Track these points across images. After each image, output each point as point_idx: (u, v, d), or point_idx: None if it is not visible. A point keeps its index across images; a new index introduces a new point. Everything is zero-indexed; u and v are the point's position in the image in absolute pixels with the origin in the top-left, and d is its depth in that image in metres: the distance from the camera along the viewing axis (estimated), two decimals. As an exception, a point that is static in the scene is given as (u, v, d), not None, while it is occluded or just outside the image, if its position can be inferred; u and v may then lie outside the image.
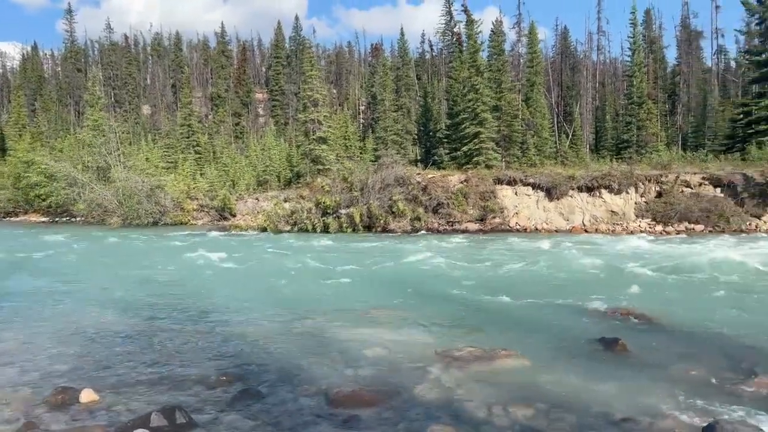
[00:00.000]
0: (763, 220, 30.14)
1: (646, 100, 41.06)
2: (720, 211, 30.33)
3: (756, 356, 7.87)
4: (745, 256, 18.97)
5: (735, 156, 35.30)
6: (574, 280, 15.12)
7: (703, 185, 31.93)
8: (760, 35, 39.38)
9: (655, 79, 52.22)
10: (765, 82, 37.98)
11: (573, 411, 5.81)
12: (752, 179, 30.93)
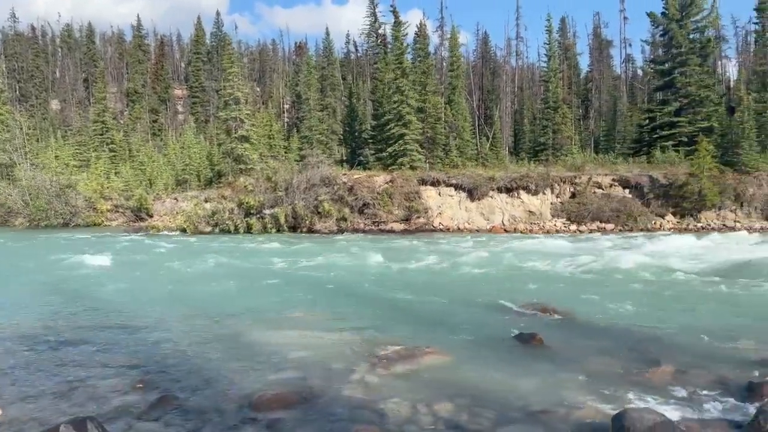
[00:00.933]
0: (666, 219, 32.21)
1: (561, 104, 42.92)
2: (628, 211, 32.17)
3: (660, 347, 8.37)
4: (651, 253, 20.20)
5: (642, 159, 37.55)
6: (494, 278, 15.57)
7: (613, 186, 33.75)
8: (663, 46, 42.06)
9: (570, 84, 54.70)
10: (668, 90, 40.61)
11: (493, 405, 5.96)
12: (657, 181, 33.00)
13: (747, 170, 32.47)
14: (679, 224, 31.48)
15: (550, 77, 43.74)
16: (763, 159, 33.56)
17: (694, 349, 8.29)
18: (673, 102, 39.40)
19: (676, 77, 39.33)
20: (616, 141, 48.49)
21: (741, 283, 14.31)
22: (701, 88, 38.66)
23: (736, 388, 6.46)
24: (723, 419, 5.58)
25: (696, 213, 31.86)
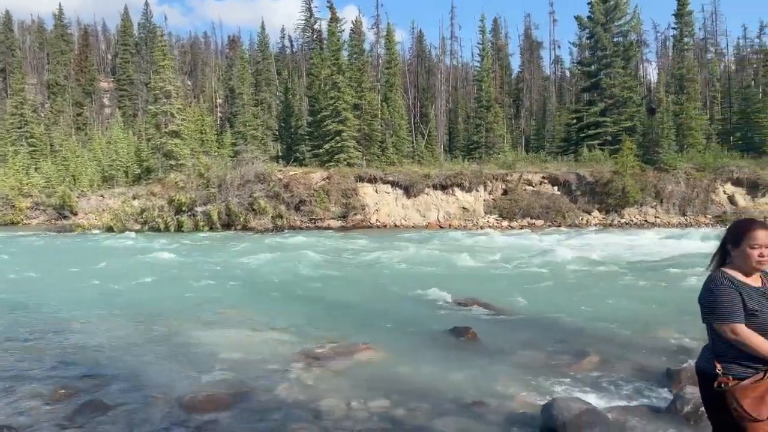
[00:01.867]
0: (592, 215, 33.57)
1: (494, 104, 43.95)
2: (557, 208, 33.34)
3: (586, 338, 8.71)
4: (578, 247, 21.02)
5: (570, 157, 38.99)
6: (429, 274, 15.77)
7: (543, 184, 34.88)
8: (590, 48, 43.74)
9: (502, 84, 56.07)
10: (594, 91, 42.29)
11: (428, 399, 6.03)
12: (584, 178, 34.35)
13: (666, 168, 34.30)
14: (605, 220, 32.91)
15: (483, 77, 44.68)
16: (681, 158, 35.52)
17: (618, 340, 8.67)
18: (598, 102, 41.08)
19: (602, 79, 41.03)
20: (546, 140, 50.13)
21: (660, 275, 15.10)
22: (624, 89, 40.49)
23: (656, 375, 6.80)
24: (644, 405, 5.85)
25: (620, 209, 33.39)
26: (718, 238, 3.28)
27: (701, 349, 3.23)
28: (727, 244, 3.04)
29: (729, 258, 3.04)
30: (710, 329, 3.04)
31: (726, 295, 2.90)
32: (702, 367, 3.09)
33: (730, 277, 2.95)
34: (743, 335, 2.85)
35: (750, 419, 2.82)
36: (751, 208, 33.28)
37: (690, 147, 37.89)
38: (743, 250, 2.94)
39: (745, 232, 2.96)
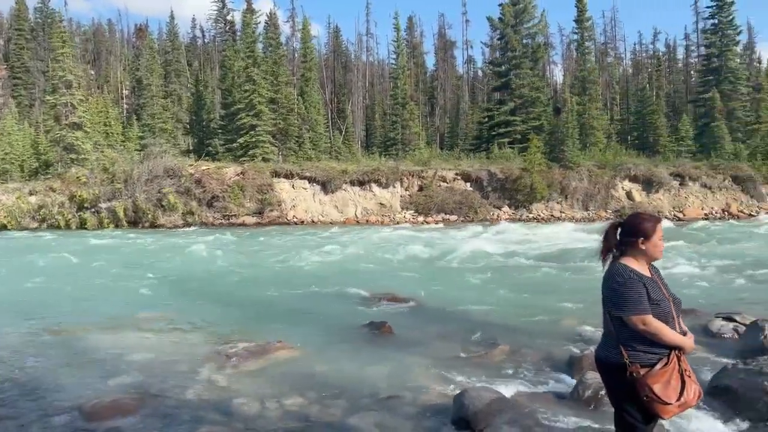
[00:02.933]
0: (503, 210, 34.81)
1: (409, 101, 44.57)
2: (470, 203, 34.31)
3: (497, 328, 9.02)
4: (489, 242, 21.71)
5: (482, 155, 40.16)
6: (347, 269, 15.79)
7: (456, 180, 35.77)
8: (500, 49, 45.25)
9: (417, 82, 56.96)
10: (504, 91, 43.80)
11: (344, 395, 6.03)
12: (495, 175, 35.54)
13: (570, 166, 36.11)
14: (514, 215, 34.22)
15: (398, 74, 45.17)
16: (584, 156, 37.51)
17: (526, 329, 9.04)
18: (508, 102, 42.62)
19: (512, 79, 42.57)
20: (460, 137, 51.41)
21: (565, 267, 15.90)
22: (533, 90, 42.24)
23: (560, 363, 7.15)
24: (549, 391, 6.14)
25: (528, 204, 34.83)
26: (600, 232, 3.41)
27: (601, 340, 3.34)
28: (631, 237, 3.17)
29: (628, 250, 3.19)
30: (615, 320, 3.13)
31: (634, 288, 3.04)
32: (607, 358, 3.17)
33: (633, 270, 3.11)
34: (653, 326, 3.00)
35: (661, 403, 2.99)
36: (646, 203, 35.71)
37: (592, 146, 40.09)
38: (655, 242, 3.14)
39: (656, 225, 3.18)
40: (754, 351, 7.01)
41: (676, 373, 3.03)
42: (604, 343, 3.26)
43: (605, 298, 3.20)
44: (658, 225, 3.19)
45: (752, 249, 19.29)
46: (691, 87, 53.99)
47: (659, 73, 54.15)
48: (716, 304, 10.40)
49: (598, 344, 3.39)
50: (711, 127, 41.74)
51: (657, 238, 3.14)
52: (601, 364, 3.27)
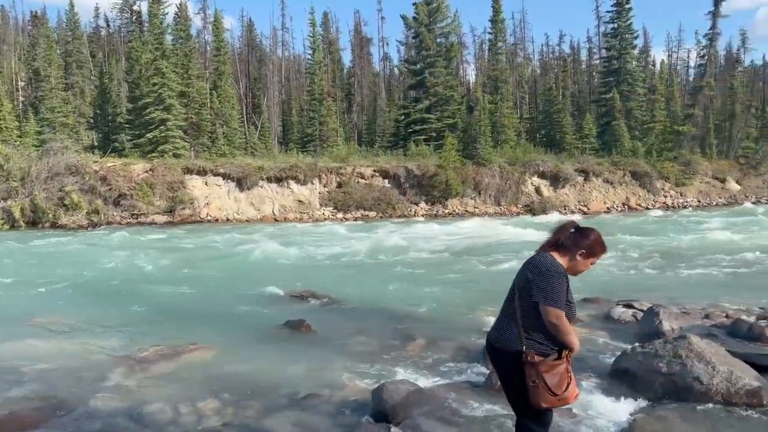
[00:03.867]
0: (420, 206, 35.39)
1: (326, 97, 44.35)
2: (388, 200, 34.65)
3: (415, 322, 9.18)
4: (407, 237, 22.03)
5: (399, 152, 40.60)
6: (263, 268, 15.53)
7: (374, 177, 36.01)
8: (415, 47, 45.88)
9: (334, 78, 56.76)
10: (420, 89, 44.47)
11: (260, 395, 5.93)
12: (412, 172, 36.07)
13: (483, 163, 37.23)
14: (431, 211, 34.89)
15: (315, 70, 44.82)
16: (496, 153, 38.78)
17: (443, 322, 9.26)
18: (424, 100, 43.31)
19: (426, 77, 43.29)
20: (377, 134, 51.75)
21: (479, 260, 16.40)
22: (447, 88, 43.14)
23: (475, 353, 7.36)
24: (464, 381, 6.31)
25: (444, 200, 35.60)
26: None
27: (496, 325, 3.44)
28: (578, 246, 3.29)
29: (565, 251, 3.31)
30: (527, 306, 3.23)
31: (560, 283, 3.17)
32: (503, 343, 3.30)
33: (562, 267, 3.26)
34: (563, 323, 3.15)
35: (547, 392, 3.17)
36: (554, 198, 37.45)
37: (504, 143, 41.54)
38: (587, 262, 3.31)
39: (601, 253, 3.33)
40: (650, 335, 7.52)
41: (564, 370, 3.23)
42: (501, 329, 3.36)
43: (522, 283, 3.28)
44: (602, 253, 3.35)
45: (649, 240, 20.70)
46: (593, 87, 57.08)
47: (565, 73, 56.84)
48: (617, 292, 11.08)
49: (492, 330, 3.47)
50: (612, 125, 44.32)
51: (590, 262, 3.32)
52: (495, 349, 3.37)
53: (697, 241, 20.25)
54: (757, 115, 53.12)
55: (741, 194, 43.52)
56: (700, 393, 5.35)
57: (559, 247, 3.31)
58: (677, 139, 45.32)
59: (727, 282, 12.92)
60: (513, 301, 3.33)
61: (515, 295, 3.33)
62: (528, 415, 3.33)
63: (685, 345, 5.88)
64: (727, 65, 62.31)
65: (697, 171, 43.50)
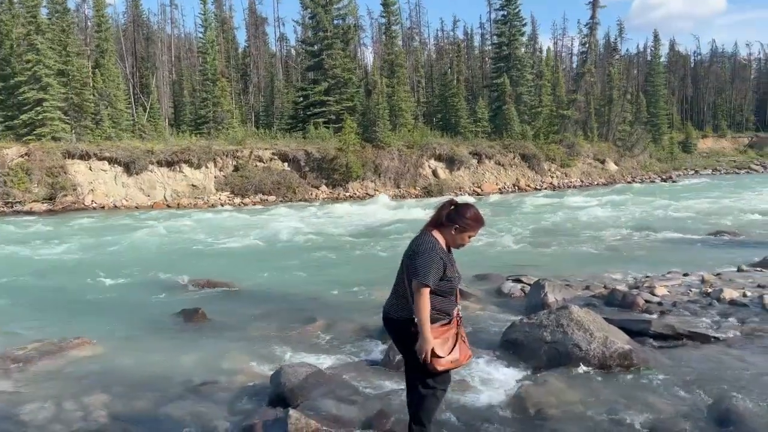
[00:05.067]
0: (321, 189, 35.25)
1: (220, 77, 42.75)
2: (288, 183, 34.20)
3: (315, 305, 9.19)
4: (308, 221, 21.93)
5: (299, 134, 40.04)
6: (155, 257, 14.87)
7: (273, 160, 35.36)
8: (312, 28, 45.25)
9: (228, 58, 54.83)
10: (318, 71, 43.97)
11: (153, 387, 5.71)
12: (312, 155, 35.77)
13: (382, 145, 37.60)
14: (332, 194, 34.85)
15: (207, 49, 43.02)
16: (394, 136, 39.27)
17: (343, 303, 9.34)
18: (322, 82, 42.90)
19: (324, 59, 42.87)
20: (275, 116, 50.72)
21: (377, 241, 16.65)
22: (345, 71, 42.97)
23: (374, 331, 7.49)
24: (363, 360, 6.42)
25: (345, 183, 35.66)
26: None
27: (391, 299, 3.62)
28: (453, 221, 3.47)
29: (443, 228, 3.49)
30: (409, 280, 3.42)
31: (436, 264, 3.35)
32: (398, 314, 3.51)
33: (442, 248, 3.45)
34: (424, 299, 3.32)
35: (434, 355, 3.40)
36: (450, 180, 38.62)
37: (401, 126, 42.10)
38: (464, 236, 3.50)
39: (476, 227, 3.52)
40: (536, 307, 7.99)
41: (453, 334, 3.50)
42: (395, 302, 3.57)
43: (405, 260, 3.49)
44: (478, 228, 3.54)
45: (537, 219, 21.93)
46: (486, 72, 59.14)
47: (459, 58, 58.36)
48: (508, 268, 11.67)
49: (386, 303, 3.65)
50: (503, 110, 46.17)
51: (467, 236, 3.51)
52: (390, 320, 3.59)
53: (580, 218, 21.72)
54: (631, 100, 57.44)
55: (619, 174, 47.04)
56: (579, 358, 5.78)
57: (438, 225, 3.51)
58: (562, 123, 48.11)
59: (605, 256, 13.98)
60: (401, 275, 3.54)
61: (403, 270, 3.53)
62: (429, 375, 3.53)
63: (566, 315, 6.31)
64: (606, 53, 66.77)
65: (580, 153, 46.44)
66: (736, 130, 72.69)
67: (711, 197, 28.65)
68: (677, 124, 66.69)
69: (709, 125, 72.50)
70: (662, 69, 65.45)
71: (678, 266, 11.08)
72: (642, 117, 56.69)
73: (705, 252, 13.72)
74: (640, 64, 75.96)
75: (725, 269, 10.63)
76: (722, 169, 56.96)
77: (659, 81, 62.35)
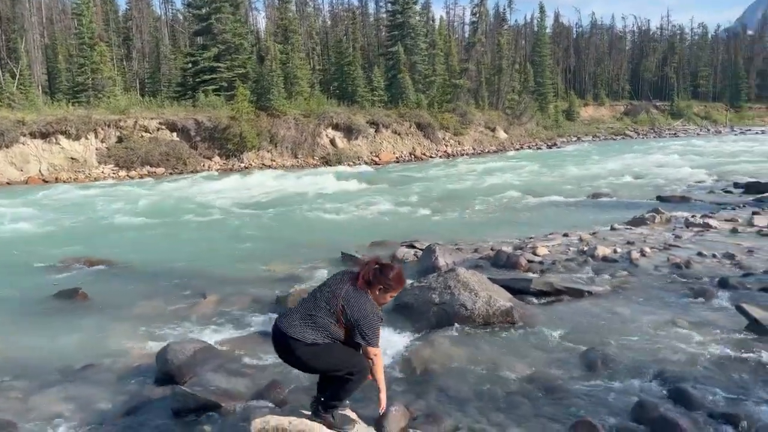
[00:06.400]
0: (214, 160, 34.04)
1: (98, 41, 39.69)
2: (178, 154, 32.68)
3: (207, 280, 8.91)
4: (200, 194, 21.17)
5: (188, 102, 38.15)
6: (29, 236, 13.77)
7: (161, 130, 33.59)
8: (199, -10, 42.88)
9: (107, 21, 51.02)
10: (207, 36, 41.97)
11: (28, 374, 5.33)
12: (203, 124, 34.32)
13: (278, 114, 36.76)
14: (226, 165, 33.72)
15: (81, 10, 39.64)
16: (290, 105, 38.50)
17: (237, 277, 9.14)
18: (212, 47, 40.99)
19: (213, 23, 40.91)
20: (162, 84, 48.02)
21: (275, 213, 16.40)
22: (236, 36, 41.29)
23: (268, 304, 7.43)
24: (257, 333, 6.33)
25: (239, 154, 34.59)
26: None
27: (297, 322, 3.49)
28: (379, 282, 3.52)
29: (370, 286, 3.53)
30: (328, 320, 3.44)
31: (379, 325, 3.56)
32: (302, 336, 3.42)
33: (377, 306, 3.58)
34: (380, 360, 3.60)
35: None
36: (348, 149, 38.55)
37: (297, 95, 41.28)
38: (387, 296, 3.62)
39: (397, 287, 3.64)
40: (428, 270, 8.23)
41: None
42: (308, 331, 3.46)
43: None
44: (399, 288, 3.69)
45: (431, 186, 22.49)
46: (381, 41, 59.05)
47: (354, 26, 57.83)
48: (402, 234, 11.90)
49: (293, 328, 3.46)
50: (398, 78, 46.49)
51: (389, 295, 3.64)
52: (292, 340, 3.44)
53: (472, 185, 22.54)
54: (519, 70, 59.75)
55: (508, 142, 49.06)
56: (465, 317, 6.04)
57: (367, 283, 3.55)
58: (455, 92, 49.25)
59: (495, 219, 14.64)
60: (319, 304, 3.50)
61: (323, 302, 3.51)
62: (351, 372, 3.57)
63: (453, 276, 6.56)
64: (496, 23, 68.75)
65: (472, 121, 47.88)
66: (613, 99, 77.73)
67: (591, 162, 30.66)
68: (561, 93, 70.21)
69: (589, 94, 76.94)
70: (547, 40, 68.41)
71: (559, 227, 11.82)
72: (529, 86, 59.14)
73: (584, 213, 14.71)
74: (528, 35, 78.96)
75: (600, 228, 11.47)
76: (601, 136, 60.91)
77: (545, 51, 65.17)
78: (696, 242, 9.49)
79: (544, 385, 4.50)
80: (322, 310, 3.48)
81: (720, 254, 8.42)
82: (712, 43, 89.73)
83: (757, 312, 5.61)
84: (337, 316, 3.44)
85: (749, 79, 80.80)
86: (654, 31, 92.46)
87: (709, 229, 10.60)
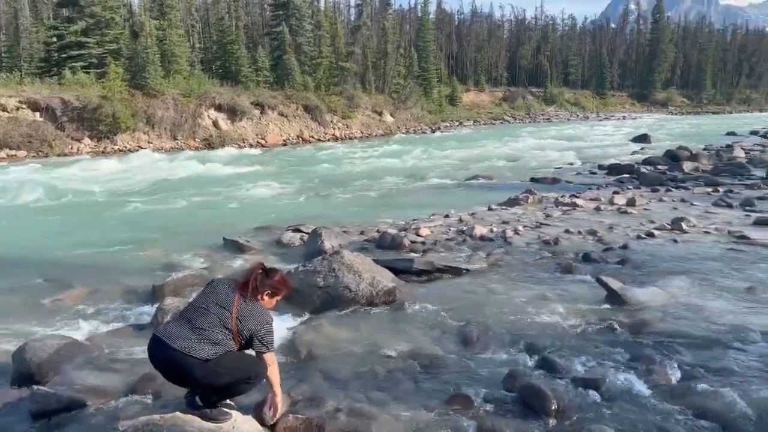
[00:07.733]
0: (84, 143, 31.66)
1: (-57, 9, 35.31)
2: (42, 136, 30.08)
3: (74, 271, 8.28)
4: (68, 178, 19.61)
5: (53, 80, 35.01)
6: None
7: (21, 109, 30.72)
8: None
9: (-47, -14, 45.45)
10: (73, 8, 38.70)
11: None
12: (70, 104, 31.76)
13: (154, 94, 34.75)
14: (97, 147, 31.43)
15: None
16: (168, 84, 36.52)
17: (109, 267, 8.57)
18: (79, 21, 37.84)
19: (80, -6, 37.76)
20: (23, 59, 43.67)
21: (150, 199, 15.56)
22: (106, 9, 38.40)
23: (143, 295, 7.04)
24: (130, 325, 5.99)
25: (112, 136, 32.34)
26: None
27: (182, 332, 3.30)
28: (265, 286, 3.55)
29: (257, 292, 3.51)
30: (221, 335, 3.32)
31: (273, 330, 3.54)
32: (192, 351, 3.23)
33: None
34: (276, 365, 3.56)
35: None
36: (232, 131, 37.28)
37: (176, 73, 39.19)
38: (273, 300, 3.67)
39: (283, 290, 3.71)
40: (314, 254, 8.17)
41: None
42: (196, 338, 3.28)
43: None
44: (285, 291, 3.76)
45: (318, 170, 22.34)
46: (265, 20, 57.44)
47: (237, 3, 55.74)
48: (288, 219, 11.73)
49: (180, 341, 3.25)
50: (283, 59, 45.53)
51: (275, 300, 3.70)
52: (181, 354, 3.23)
53: (359, 168, 22.66)
54: (404, 54, 60.63)
55: (395, 126, 49.76)
56: (349, 299, 6.09)
57: (255, 290, 3.51)
58: (342, 75, 49.10)
59: (381, 202, 14.83)
60: (209, 318, 3.37)
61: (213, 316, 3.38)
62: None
63: (338, 259, 6.57)
64: (381, 7, 69.19)
65: (360, 105, 48.03)
66: (493, 85, 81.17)
67: (471, 146, 31.88)
68: (445, 78, 72.14)
69: (471, 80, 79.73)
70: (431, 26, 69.87)
71: (441, 209, 12.20)
72: (414, 71, 60.22)
73: (465, 195, 15.30)
74: (412, 21, 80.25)
75: (479, 209, 11.98)
76: (482, 120, 63.46)
77: (429, 37, 66.55)
78: (564, 220, 10.20)
79: (424, 361, 4.63)
80: (215, 325, 3.34)
81: (584, 231, 9.10)
82: (580, 34, 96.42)
83: (614, 283, 6.14)
84: (233, 334, 3.36)
85: (612, 68, 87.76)
86: (529, 20, 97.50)
87: (576, 208, 11.43)
